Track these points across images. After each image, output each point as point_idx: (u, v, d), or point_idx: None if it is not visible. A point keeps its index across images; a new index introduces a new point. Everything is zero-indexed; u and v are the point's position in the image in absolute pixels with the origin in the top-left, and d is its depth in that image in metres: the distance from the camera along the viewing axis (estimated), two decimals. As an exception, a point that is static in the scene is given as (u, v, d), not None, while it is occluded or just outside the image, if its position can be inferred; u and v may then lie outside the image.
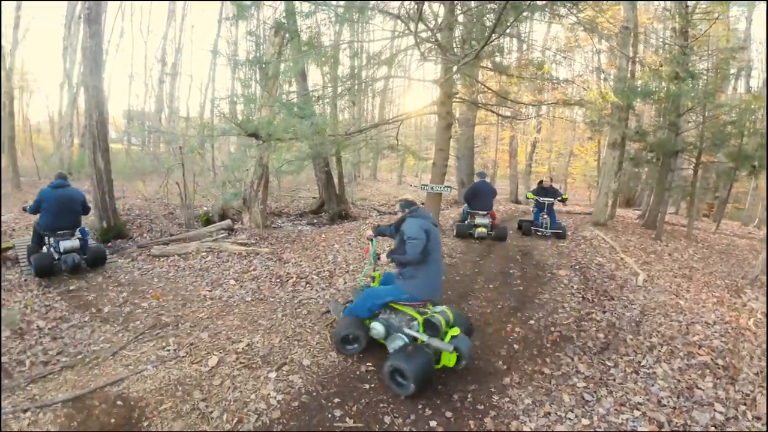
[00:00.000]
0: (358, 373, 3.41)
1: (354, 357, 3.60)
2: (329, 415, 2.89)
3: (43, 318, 4.19)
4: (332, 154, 11.36)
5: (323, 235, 8.31)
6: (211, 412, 2.82)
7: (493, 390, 3.30)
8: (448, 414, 2.99)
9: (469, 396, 3.22)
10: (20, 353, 3.51)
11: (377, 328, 3.56)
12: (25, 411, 2.74)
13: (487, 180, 8.98)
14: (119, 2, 20.60)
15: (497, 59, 8.87)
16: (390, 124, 9.56)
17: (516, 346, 3.98)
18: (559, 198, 8.84)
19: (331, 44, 9.26)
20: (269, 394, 3.05)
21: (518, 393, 3.26)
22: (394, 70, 9.60)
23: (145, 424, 2.70)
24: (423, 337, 3.36)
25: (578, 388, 3.32)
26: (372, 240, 4.09)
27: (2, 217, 9.05)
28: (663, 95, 9.42)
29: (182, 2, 30.92)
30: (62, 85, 21.14)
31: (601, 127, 11.92)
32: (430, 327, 3.34)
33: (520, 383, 3.40)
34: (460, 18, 8.09)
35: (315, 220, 11.96)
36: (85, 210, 6.31)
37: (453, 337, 3.36)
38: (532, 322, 4.51)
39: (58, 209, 5.76)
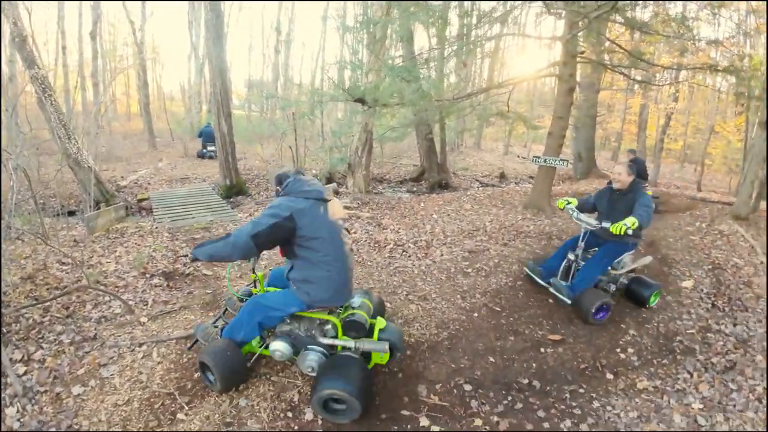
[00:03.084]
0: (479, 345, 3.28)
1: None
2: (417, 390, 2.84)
3: (170, 262, 4.76)
4: (436, 120, 11.00)
5: (422, 204, 8.18)
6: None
7: (594, 396, 2.91)
8: (541, 414, 2.71)
9: (567, 396, 2.89)
10: (144, 292, 3.99)
11: (280, 347, 2.63)
12: (140, 345, 3.11)
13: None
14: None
15: (629, 13, 7.54)
16: (501, 88, 8.84)
17: (629, 350, 3.46)
18: (629, 227, 3.43)
19: (440, 2, 8.70)
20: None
21: (623, 404, 2.84)
22: (508, 28, 8.74)
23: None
24: (347, 343, 2.64)
25: (693, 409, 2.83)
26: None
27: (141, 172, 11.04)
28: None
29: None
30: (189, 57, 23.69)
31: (755, 101, 9.38)
32: (354, 328, 2.60)
33: (627, 394, 2.95)
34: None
35: (415, 188, 11.87)
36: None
37: (381, 330, 2.73)
38: (649, 325, 3.88)
39: (207, 135, 13.48)
